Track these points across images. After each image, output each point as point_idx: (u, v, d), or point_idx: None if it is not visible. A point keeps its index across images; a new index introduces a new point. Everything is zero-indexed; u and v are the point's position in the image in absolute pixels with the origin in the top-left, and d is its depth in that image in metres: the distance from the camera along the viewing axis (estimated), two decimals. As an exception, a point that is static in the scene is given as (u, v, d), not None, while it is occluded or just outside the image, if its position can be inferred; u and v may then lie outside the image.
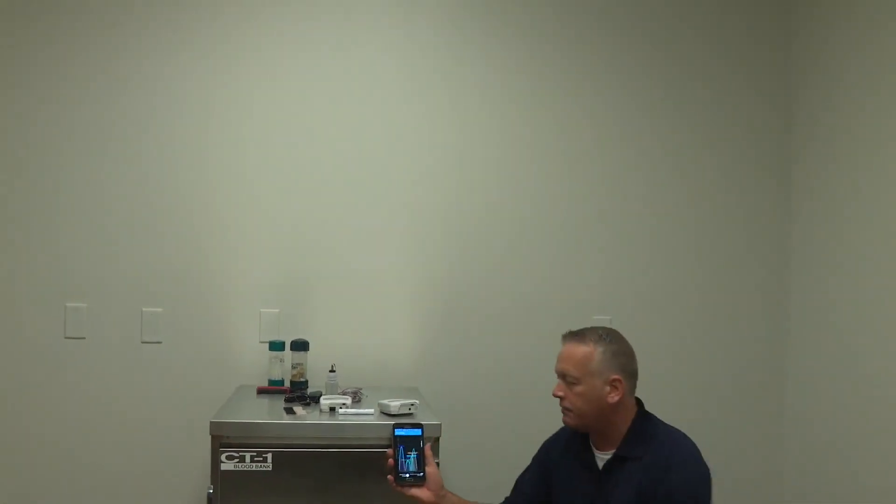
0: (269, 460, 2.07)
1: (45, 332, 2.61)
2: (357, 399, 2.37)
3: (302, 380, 2.54)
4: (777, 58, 2.96)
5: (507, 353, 2.80)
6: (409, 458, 1.96)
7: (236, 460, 2.06)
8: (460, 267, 2.80)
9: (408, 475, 1.95)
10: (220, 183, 2.70)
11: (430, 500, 1.95)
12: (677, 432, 1.90)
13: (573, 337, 1.93)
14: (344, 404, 2.24)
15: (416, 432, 2.00)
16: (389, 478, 1.96)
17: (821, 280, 2.76)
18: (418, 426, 2.02)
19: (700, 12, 2.92)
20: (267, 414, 2.22)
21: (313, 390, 2.45)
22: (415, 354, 2.78)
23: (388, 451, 2.01)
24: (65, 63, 2.64)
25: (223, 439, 2.07)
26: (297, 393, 2.43)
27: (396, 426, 2.01)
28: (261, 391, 2.54)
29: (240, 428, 2.08)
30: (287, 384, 2.57)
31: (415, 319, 2.78)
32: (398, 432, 1.99)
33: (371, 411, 2.21)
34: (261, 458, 2.06)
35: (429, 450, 2.02)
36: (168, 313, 2.66)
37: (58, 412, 2.62)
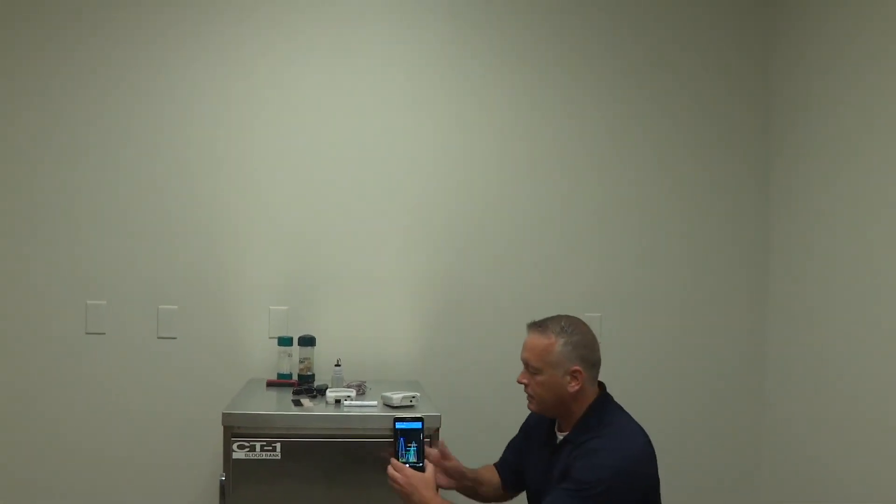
0: (278, 449, 2.10)
1: (68, 328, 2.66)
2: (361, 392, 2.41)
3: (309, 373, 2.57)
4: (757, 63, 2.95)
5: (503, 348, 2.80)
6: (409, 449, 1.95)
7: (247, 449, 2.09)
8: (459, 267, 2.83)
9: (408, 466, 1.94)
10: (231, 189, 2.73)
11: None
12: (628, 426, 1.86)
13: (536, 328, 1.92)
14: (349, 397, 2.27)
15: (416, 425, 1.98)
16: (389, 468, 1.94)
17: (798, 278, 2.76)
18: (419, 419, 1.99)
19: (686, 21, 2.92)
20: (276, 406, 2.25)
21: (320, 383, 2.47)
22: (416, 349, 2.80)
23: (388, 449, 1.99)
24: (87, 75, 2.68)
25: (235, 429, 2.10)
26: (305, 386, 2.46)
27: (397, 419, 1.98)
28: (270, 384, 2.57)
29: (250, 419, 2.11)
30: (295, 377, 2.59)
31: (416, 316, 2.80)
32: (399, 425, 1.97)
33: (374, 403, 2.25)
34: (270, 448, 2.10)
35: (429, 448, 2.01)
36: (183, 310, 2.70)
37: (79, 402, 2.66)
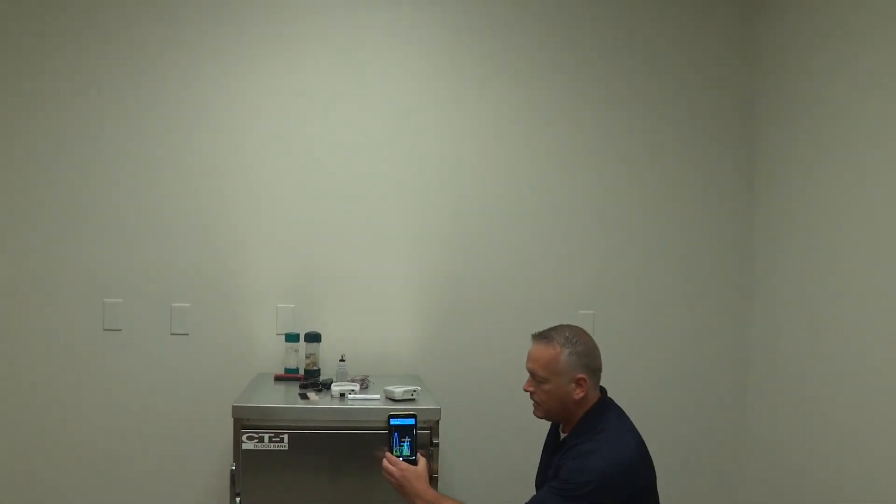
0: (286, 441, 2.15)
1: (86, 325, 2.72)
2: (365, 386, 2.45)
3: (315, 368, 2.62)
4: (742, 65, 2.99)
5: (501, 344, 2.86)
6: (403, 444, 1.99)
7: (256, 441, 2.14)
8: (458, 267, 2.87)
9: (402, 459, 1.98)
10: (241, 194, 2.78)
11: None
12: (621, 431, 1.88)
13: (541, 338, 1.95)
14: (353, 390, 2.31)
15: (409, 421, 2.01)
16: (384, 462, 1.98)
17: (783, 277, 2.80)
18: (412, 416, 2.02)
19: (674, 23, 2.96)
20: (283, 399, 2.30)
21: (325, 378, 2.54)
22: (417, 345, 2.85)
23: (382, 447, 2.02)
24: (99, 81, 2.72)
25: (244, 422, 2.15)
26: (311, 380, 2.52)
27: (391, 415, 2.01)
28: (278, 378, 2.62)
29: (259, 412, 2.17)
30: (301, 372, 2.64)
31: (417, 314, 2.85)
32: (393, 421, 2.00)
33: (377, 397, 2.30)
34: (278, 439, 2.14)
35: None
36: (195, 308, 2.76)
37: (96, 396, 2.71)
